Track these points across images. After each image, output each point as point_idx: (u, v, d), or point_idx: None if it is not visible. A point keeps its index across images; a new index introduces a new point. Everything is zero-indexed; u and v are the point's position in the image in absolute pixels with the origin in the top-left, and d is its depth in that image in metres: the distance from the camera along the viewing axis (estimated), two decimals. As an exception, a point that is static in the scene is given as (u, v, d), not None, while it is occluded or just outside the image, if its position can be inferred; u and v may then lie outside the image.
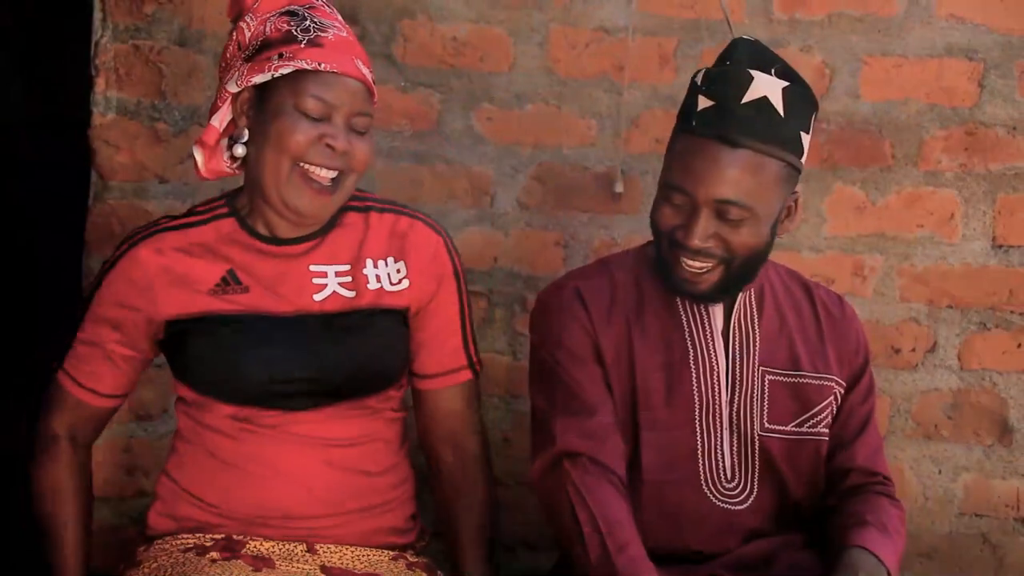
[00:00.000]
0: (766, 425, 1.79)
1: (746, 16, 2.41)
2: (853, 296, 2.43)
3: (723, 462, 1.79)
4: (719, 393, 1.79)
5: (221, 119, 1.71)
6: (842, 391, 1.85)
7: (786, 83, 1.68)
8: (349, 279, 1.76)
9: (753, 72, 1.67)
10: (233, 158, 1.72)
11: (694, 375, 1.78)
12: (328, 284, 1.75)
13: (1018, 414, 2.45)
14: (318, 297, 1.74)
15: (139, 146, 2.01)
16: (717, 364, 1.79)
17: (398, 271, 1.79)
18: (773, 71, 1.68)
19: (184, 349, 1.72)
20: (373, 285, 1.77)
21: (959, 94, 2.41)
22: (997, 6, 2.38)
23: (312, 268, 1.75)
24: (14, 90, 3.71)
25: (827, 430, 1.83)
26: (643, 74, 2.44)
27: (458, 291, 1.86)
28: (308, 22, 1.66)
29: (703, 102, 1.69)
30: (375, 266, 1.78)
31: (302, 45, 1.64)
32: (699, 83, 1.71)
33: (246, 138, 1.69)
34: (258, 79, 1.65)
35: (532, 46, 2.45)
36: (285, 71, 1.63)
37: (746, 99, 1.65)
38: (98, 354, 1.76)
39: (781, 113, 1.67)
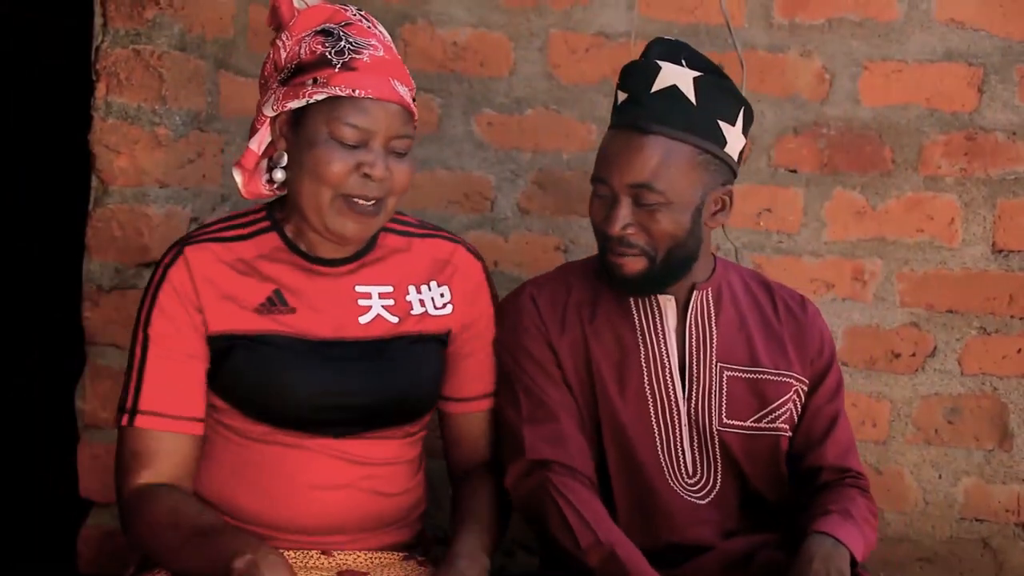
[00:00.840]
0: (724, 420, 1.83)
1: (746, 21, 2.42)
2: (853, 301, 2.44)
3: (684, 457, 1.83)
4: (673, 389, 1.83)
5: (260, 142, 1.69)
6: (804, 388, 1.88)
7: (698, 73, 1.74)
8: (392, 303, 1.75)
9: (661, 63, 1.74)
10: (272, 180, 1.69)
11: (645, 372, 1.82)
12: (372, 307, 1.73)
13: (1018, 419, 2.45)
14: (363, 320, 1.72)
15: (139, 151, 2.01)
16: (669, 361, 1.83)
17: (442, 295, 1.79)
18: (684, 62, 1.74)
19: (227, 365, 1.67)
20: (417, 310, 1.76)
21: (959, 99, 2.41)
22: (997, 11, 2.38)
23: (357, 289, 1.73)
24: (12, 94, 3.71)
25: (787, 426, 1.86)
26: (643, 79, 2.44)
27: (495, 320, 1.88)
28: (343, 43, 1.61)
29: (620, 96, 1.79)
30: (418, 291, 1.78)
31: (336, 69, 1.59)
32: (618, 79, 1.81)
33: (285, 162, 1.66)
34: (293, 104, 1.61)
35: (532, 51, 2.46)
36: (319, 98, 1.59)
37: (655, 88, 1.73)
38: (178, 374, 1.65)
39: (693, 101, 1.73)
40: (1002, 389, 2.45)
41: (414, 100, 1.69)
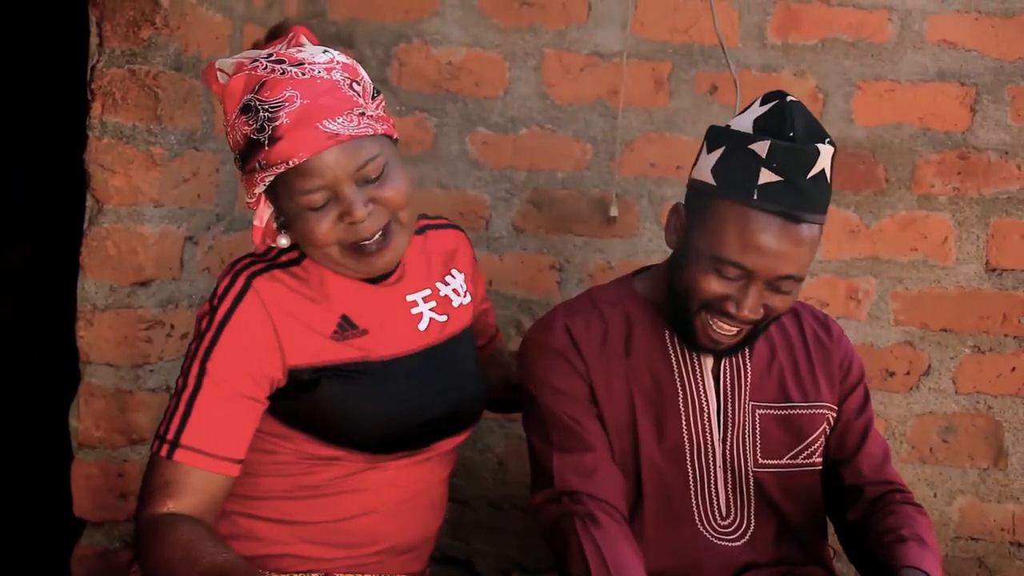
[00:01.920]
0: (760, 460, 1.78)
1: (740, 41, 2.43)
2: (847, 319, 2.44)
3: (717, 499, 1.77)
4: (710, 433, 1.77)
5: (260, 217, 1.64)
6: (834, 415, 1.84)
7: (833, 149, 1.63)
8: (435, 303, 1.76)
9: (819, 146, 1.60)
10: (279, 243, 1.66)
11: (683, 418, 1.76)
12: (423, 312, 1.74)
13: (1013, 437, 2.45)
14: (421, 327, 1.73)
15: (134, 170, 2.01)
16: (708, 406, 1.77)
17: (462, 284, 1.84)
18: (827, 140, 1.63)
19: (311, 397, 1.62)
20: (457, 301, 1.80)
21: (952, 118, 2.42)
22: (989, 32, 2.40)
23: (408, 299, 1.73)
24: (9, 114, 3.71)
25: (821, 459, 1.82)
26: (637, 98, 2.45)
27: (481, 272, 1.98)
28: (262, 114, 1.53)
29: (767, 176, 1.59)
30: (445, 283, 1.80)
31: (267, 148, 1.53)
32: (763, 156, 1.59)
33: (285, 225, 1.64)
34: (259, 190, 1.59)
35: (527, 71, 2.47)
36: (270, 180, 1.56)
37: (811, 174, 1.60)
38: (229, 413, 1.59)
39: (830, 180, 1.64)
40: (996, 407, 2.45)
41: (377, 92, 1.63)
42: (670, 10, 2.44)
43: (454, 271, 1.83)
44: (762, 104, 1.66)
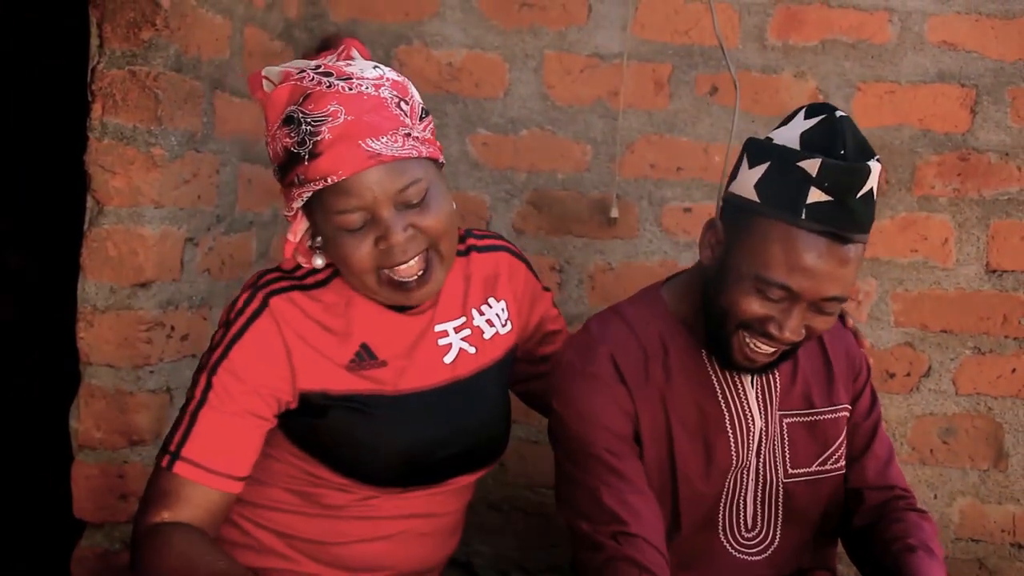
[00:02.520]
0: (789, 471, 1.74)
1: (740, 42, 2.43)
2: (848, 321, 2.44)
3: (745, 512, 1.74)
4: (752, 450, 1.72)
5: (295, 232, 1.60)
6: (849, 415, 1.81)
7: (880, 166, 1.56)
8: (468, 332, 1.70)
9: (870, 164, 1.52)
10: (313, 263, 1.62)
11: (732, 439, 1.71)
12: (452, 343, 1.67)
13: (1013, 439, 2.45)
14: (447, 360, 1.66)
15: (135, 171, 2.01)
16: (753, 424, 1.71)
17: (503, 311, 1.76)
18: (876, 157, 1.56)
19: (320, 424, 1.59)
20: (488, 333, 1.72)
21: (952, 120, 2.42)
22: (989, 33, 2.40)
23: (436, 329, 1.67)
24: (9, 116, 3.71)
25: (844, 463, 1.79)
26: (637, 100, 2.45)
27: (551, 300, 1.89)
28: (304, 127, 1.48)
29: (816, 195, 1.51)
30: (481, 313, 1.73)
31: (307, 162, 1.48)
32: (813, 175, 1.51)
33: (321, 245, 1.59)
34: (297, 205, 1.54)
35: (527, 72, 2.47)
36: (308, 196, 1.51)
37: (860, 194, 1.52)
38: (232, 429, 1.56)
39: (876, 198, 1.57)
40: (997, 409, 2.45)
41: (426, 113, 1.58)
42: (670, 11, 2.44)
43: (491, 299, 1.75)
44: (807, 117, 1.59)
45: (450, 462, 1.66)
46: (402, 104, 1.53)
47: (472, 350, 1.70)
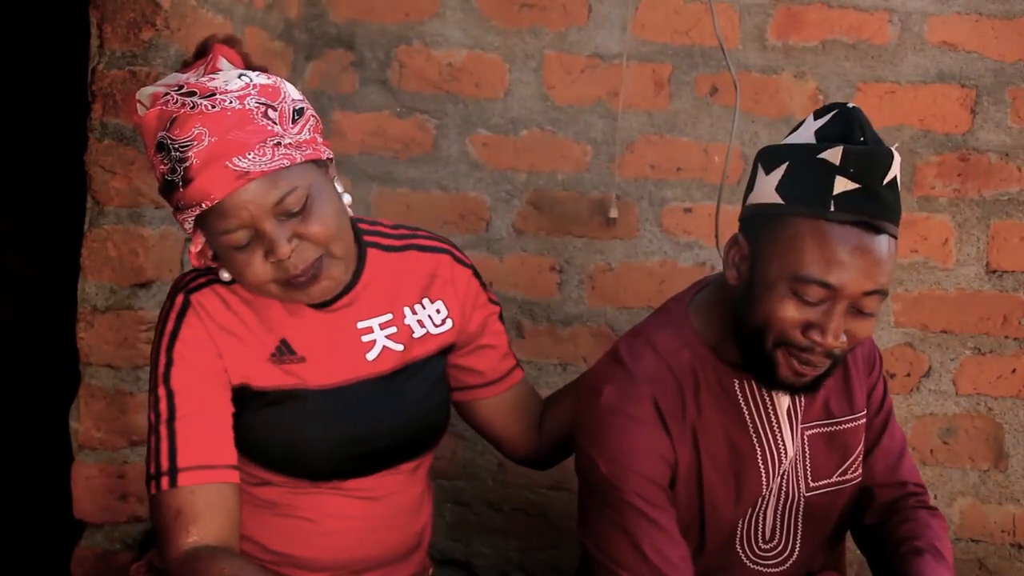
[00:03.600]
0: (811, 484, 1.70)
1: (740, 42, 2.43)
2: (848, 321, 2.44)
3: (764, 525, 1.70)
4: (780, 475, 1.68)
5: (196, 243, 1.58)
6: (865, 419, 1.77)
7: (898, 156, 1.51)
8: (395, 330, 1.68)
9: (892, 149, 1.48)
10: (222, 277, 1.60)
11: (763, 472, 1.65)
12: (376, 339, 1.66)
13: (1013, 439, 2.45)
14: (370, 356, 1.66)
15: (135, 172, 2.01)
16: (786, 455, 1.66)
17: (438, 311, 1.74)
18: (896, 146, 1.53)
19: (242, 420, 1.60)
20: (419, 332, 1.71)
21: (952, 120, 2.42)
22: (989, 33, 2.40)
23: (359, 325, 1.66)
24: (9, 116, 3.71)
25: (861, 469, 1.76)
26: (637, 100, 2.45)
27: (500, 317, 1.84)
28: (173, 154, 1.46)
29: (843, 184, 1.46)
30: (414, 312, 1.72)
31: (181, 189, 1.47)
32: (837, 163, 1.46)
33: (227, 275, 1.58)
34: (188, 227, 1.54)
35: (527, 72, 2.47)
36: (191, 222, 1.51)
37: (887, 180, 1.47)
38: (211, 422, 1.56)
39: (900, 187, 1.52)
40: (997, 409, 2.45)
41: (299, 113, 1.53)
42: (670, 12, 2.44)
43: (426, 300, 1.73)
44: (817, 118, 1.55)
45: (382, 454, 1.66)
46: (269, 112, 1.49)
47: (398, 347, 1.68)
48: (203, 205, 1.46)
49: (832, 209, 1.46)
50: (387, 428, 1.65)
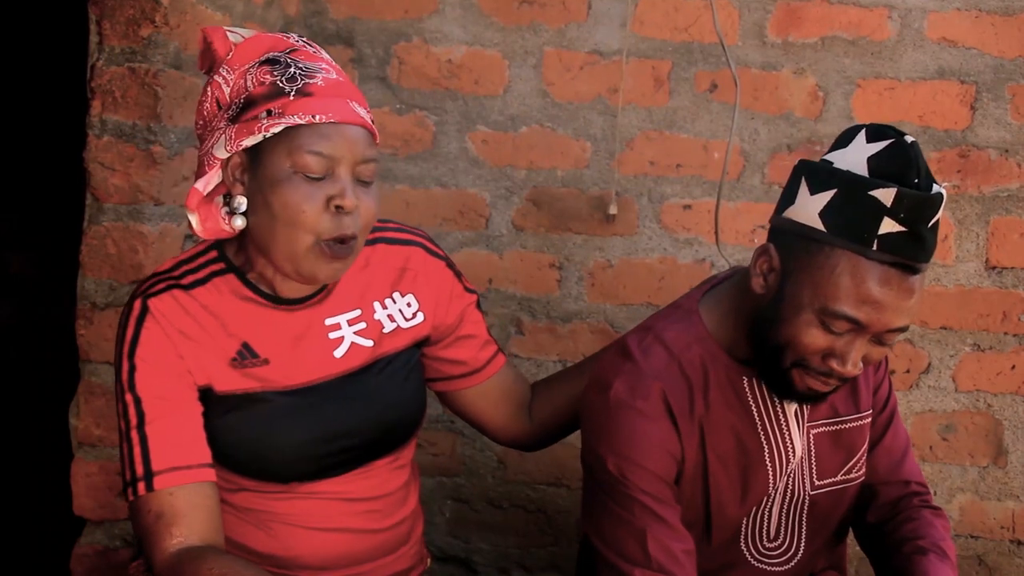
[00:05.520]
0: (816, 483, 1.70)
1: (740, 39, 2.43)
2: (847, 318, 2.44)
3: (768, 523, 1.70)
4: (787, 474, 1.68)
5: (206, 183, 1.55)
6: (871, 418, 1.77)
7: (946, 194, 1.50)
8: (364, 325, 1.66)
9: (941, 191, 1.47)
10: (233, 226, 1.56)
11: (770, 472, 1.66)
12: (344, 336, 1.64)
13: (1012, 435, 2.45)
14: (338, 353, 1.63)
15: (134, 168, 2.01)
16: (794, 455, 1.67)
17: (409, 305, 1.71)
18: (944, 184, 1.53)
19: (208, 424, 1.57)
20: (389, 327, 1.68)
21: (952, 116, 2.42)
22: (988, 29, 2.39)
23: (327, 323, 1.64)
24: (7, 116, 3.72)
25: (865, 468, 1.76)
26: (637, 97, 2.45)
27: (477, 306, 1.82)
28: (293, 69, 1.49)
29: (890, 225, 1.44)
30: (384, 306, 1.69)
31: (291, 97, 1.47)
32: (888, 205, 1.44)
33: (244, 207, 1.53)
34: (248, 142, 1.49)
35: (527, 69, 2.46)
36: (276, 130, 1.47)
37: (932, 222, 1.47)
38: (182, 422, 1.54)
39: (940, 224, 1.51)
40: (996, 406, 2.45)
41: (373, 122, 1.59)
42: (670, 8, 2.44)
43: (397, 294, 1.71)
44: (871, 140, 1.52)
45: (354, 451, 1.64)
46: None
47: (368, 343, 1.66)
48: (316, 117, 1.47)
49: (875, 248, 1.45)
50: (357, 425, 1.63)
